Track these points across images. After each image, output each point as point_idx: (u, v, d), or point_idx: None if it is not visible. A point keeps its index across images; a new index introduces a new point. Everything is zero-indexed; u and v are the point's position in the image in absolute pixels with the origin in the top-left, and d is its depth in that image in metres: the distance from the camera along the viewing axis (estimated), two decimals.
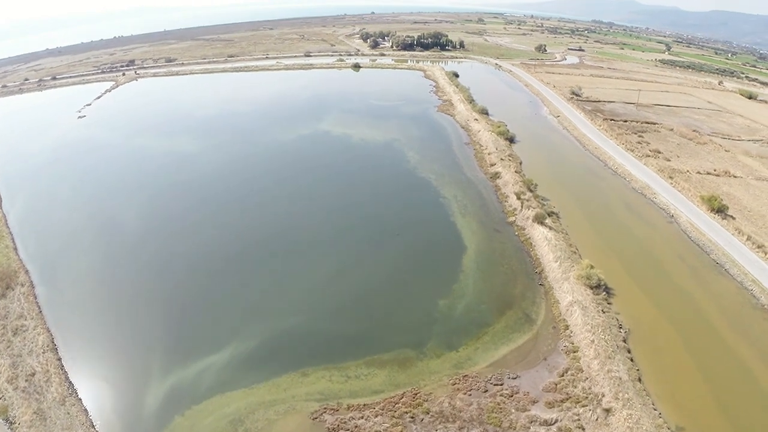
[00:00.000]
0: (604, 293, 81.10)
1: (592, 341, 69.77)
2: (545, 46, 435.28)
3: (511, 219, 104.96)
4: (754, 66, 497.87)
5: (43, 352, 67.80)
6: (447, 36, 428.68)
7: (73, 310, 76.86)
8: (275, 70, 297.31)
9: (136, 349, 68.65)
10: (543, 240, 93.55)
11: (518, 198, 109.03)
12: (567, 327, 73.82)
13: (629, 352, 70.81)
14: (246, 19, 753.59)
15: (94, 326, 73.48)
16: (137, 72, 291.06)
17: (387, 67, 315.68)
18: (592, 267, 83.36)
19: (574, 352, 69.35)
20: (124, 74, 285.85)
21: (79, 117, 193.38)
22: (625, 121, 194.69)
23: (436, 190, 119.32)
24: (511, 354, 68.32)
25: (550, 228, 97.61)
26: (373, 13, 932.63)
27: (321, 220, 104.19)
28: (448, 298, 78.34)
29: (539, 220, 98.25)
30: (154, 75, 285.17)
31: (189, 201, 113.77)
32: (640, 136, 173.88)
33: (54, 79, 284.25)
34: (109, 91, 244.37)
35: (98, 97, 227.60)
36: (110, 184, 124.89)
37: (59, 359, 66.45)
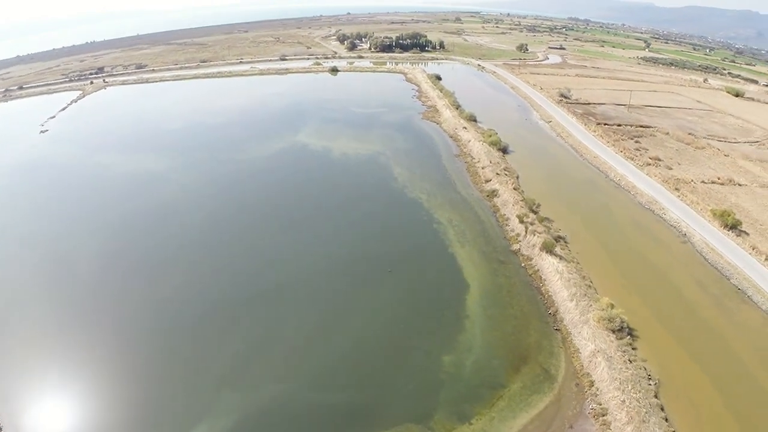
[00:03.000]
0: (628, 337, 71.64)
1: (623, 401, 60.11)
2: (527, 45, 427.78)
3: (515, 247, 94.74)
4: (733, 61, 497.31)
5: None
6: (426, 36, 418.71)
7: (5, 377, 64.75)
8: (249, 75, 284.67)
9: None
10: (554, 273, 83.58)
11: (521, 221, 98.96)
12: (592, 383, 63.99)
13: (663, 410, 61.41)
14: (221, 22, 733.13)
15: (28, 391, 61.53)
16: (105, 80, 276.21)
17: (366, 70, 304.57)
18: (612, 306, 73.85)
19: (603, 416, 59.54)
20: (92, 83, 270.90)
21: (42, 131, 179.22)
22: (619, 125, 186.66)
23: (428, 213, 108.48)
24: (533, 423, 57.98)
25: (561, 258, 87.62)
26: (349, 13, 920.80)
27: (299, 257, 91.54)
28: (454, 353, 67.49)
29: (548, 249, 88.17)
30: (123, 83, 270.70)
31: (150, 238, 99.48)
32: (637, 142, 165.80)
33: (21, 88, 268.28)
34: (75, 101, 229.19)
35: (63, 109, 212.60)
36: (65, 214, 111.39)
37: None
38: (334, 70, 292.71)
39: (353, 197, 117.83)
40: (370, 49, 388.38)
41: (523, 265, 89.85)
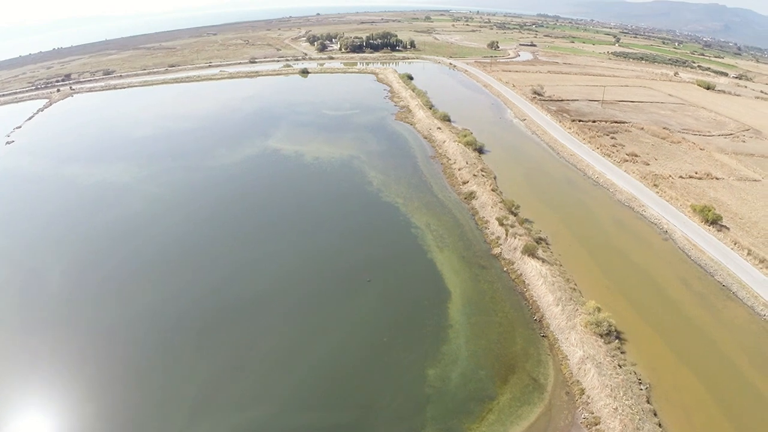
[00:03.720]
0: (616, 340, 70.89)
1: (615, 409, 59.10)
2: (497, 42, 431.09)
3: (496, 250, 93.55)
4: (702, 54, 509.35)
5: None
6: (396, 36, 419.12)
7: None
8: (219, 79, 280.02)
9: None
10: (537, 277, 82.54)
11: (501, 224, 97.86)
12: (582, 391, 62.88)
13: (656, 415, 60.73)
14: (190, 25, 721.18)
15: None
16: (72, 87, 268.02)
17: (337, 72, 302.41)
18: (599, 310, 73.05)
19: (596, 425, 58.40)
20: (59, 90, 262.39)
21: (8, 142, 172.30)
22: (594, 122, 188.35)
23: (405, 218, 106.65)
24: None
25: (543, 261, 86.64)
26: (318, 14, 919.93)
27: (273, 270, 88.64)
28: (439, 365, 65.56)
29: (530, 252, 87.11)
30: (91, 90, 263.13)
31: (119, 252, 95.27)
32: (612, 138, 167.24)
33: None
34: (42, 110, 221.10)
35: (29, 118, 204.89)
36: (32, 229, 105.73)
37: None
38: (305, 72, 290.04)
39: (328, 204, 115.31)
40: (340, 49, 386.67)
41: (505, 269, 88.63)
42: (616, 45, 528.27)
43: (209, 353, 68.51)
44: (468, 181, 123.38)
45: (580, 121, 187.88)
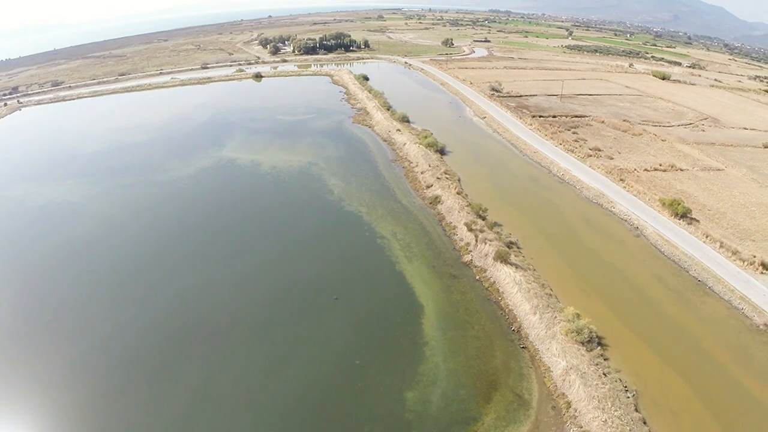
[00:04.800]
0: (598, 347, 69.72)
1: (605, 421, 57.60)
2: (452, 39, 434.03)
3: (467, 258, 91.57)
4: (654, 45, 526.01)
5: None
6: (350, 36, 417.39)
7: None
8: (170, 87, 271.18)
9: None
10: (512, 284, 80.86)
11: (469, 229, 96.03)
12: (569, 404, 61.14)
13: (645, 423, 59.60)
14: (141, 32, 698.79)
15: None
16: (20, 101, 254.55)
17: (291, 75, 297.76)
18: (578, 316, 71.79)
19: None
20: (5, 104, 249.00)
21: None
22: (554, 117, 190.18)
23: (370, 227, 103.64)
24: None
25: (517, 267, 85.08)
26: (270, 16, 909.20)
27: (231, 292, 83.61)
28: (417, 387, 62.53)
29: (502, 258, 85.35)
30: (39, 103, 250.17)
31: (67, 282, 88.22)
32: (574, 133, 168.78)
33: None
34: None
35: None
36: None
37: None
38: (258, 76, 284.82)
39: (287, 216, 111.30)
40: (293, 52, 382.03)
41: (477, 278, 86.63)
42: (570, 38, 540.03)
43: (164, 391, 63.66)
44: (432, 185, 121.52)
45: (540, 116, 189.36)
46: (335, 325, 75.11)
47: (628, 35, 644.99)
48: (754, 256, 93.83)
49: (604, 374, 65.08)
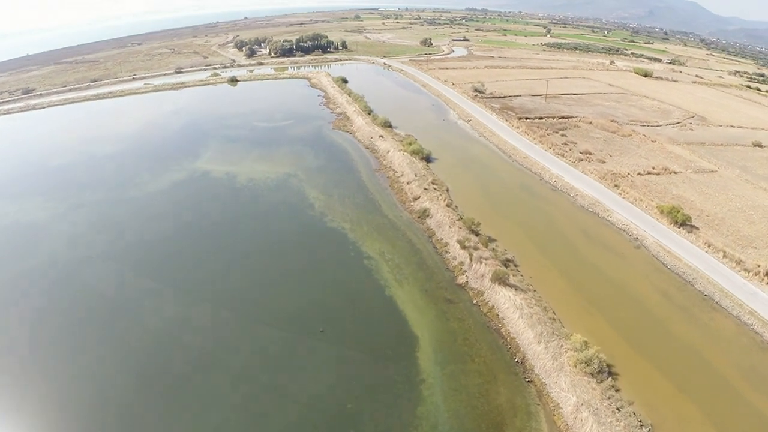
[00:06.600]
0: (609, 378, 64.75)
1: None
2: (431, 39, 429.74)
3: (462, 279, 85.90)
4: (633, 41, 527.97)
5: None
6: (327, 37, 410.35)
7: None
8: (143, 93, 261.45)
9: None
10: (512, 309, 75.45)
11: (463, 247, 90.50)
12: None
13: None
14: (114, 36, 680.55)
15: None
16: None
17: (267, 78, 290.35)
18: (586, 344, 66.75)
19: None
20: None
21: None
22: (541, 118, 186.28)
23: (355, 246, 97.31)
24: None
25: (516, 288, 79.70)
26: (245, 18, 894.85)
27: (207, 328, 76.18)
28: None
29: (500, 280, 79.89)
30: (8, 112, 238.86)
31: (32, 311, 79.68)
32: (563, 135, 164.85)
33: None
34: None
35: None
36: None
37: None
38: (234, 81, 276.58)
39: (265, 236, 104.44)
40: (270, 54, 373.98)
41: (474, 301, 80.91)
42: (548, 36, 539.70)
43: None
44: (419, 197, 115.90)
45: (526, 118, 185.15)
46: (322, 363, 68.12)
47: (606, 32, 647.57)
48: (759, 266, 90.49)
49: (618, 409, 60.03)
